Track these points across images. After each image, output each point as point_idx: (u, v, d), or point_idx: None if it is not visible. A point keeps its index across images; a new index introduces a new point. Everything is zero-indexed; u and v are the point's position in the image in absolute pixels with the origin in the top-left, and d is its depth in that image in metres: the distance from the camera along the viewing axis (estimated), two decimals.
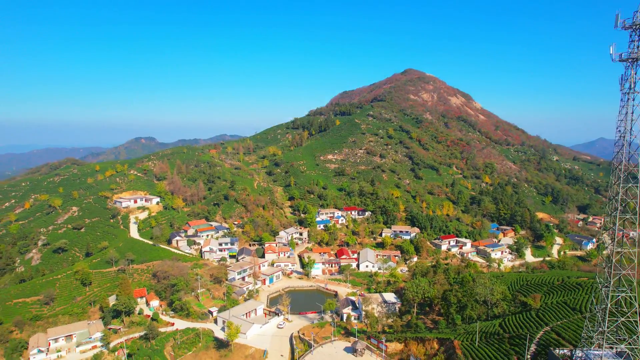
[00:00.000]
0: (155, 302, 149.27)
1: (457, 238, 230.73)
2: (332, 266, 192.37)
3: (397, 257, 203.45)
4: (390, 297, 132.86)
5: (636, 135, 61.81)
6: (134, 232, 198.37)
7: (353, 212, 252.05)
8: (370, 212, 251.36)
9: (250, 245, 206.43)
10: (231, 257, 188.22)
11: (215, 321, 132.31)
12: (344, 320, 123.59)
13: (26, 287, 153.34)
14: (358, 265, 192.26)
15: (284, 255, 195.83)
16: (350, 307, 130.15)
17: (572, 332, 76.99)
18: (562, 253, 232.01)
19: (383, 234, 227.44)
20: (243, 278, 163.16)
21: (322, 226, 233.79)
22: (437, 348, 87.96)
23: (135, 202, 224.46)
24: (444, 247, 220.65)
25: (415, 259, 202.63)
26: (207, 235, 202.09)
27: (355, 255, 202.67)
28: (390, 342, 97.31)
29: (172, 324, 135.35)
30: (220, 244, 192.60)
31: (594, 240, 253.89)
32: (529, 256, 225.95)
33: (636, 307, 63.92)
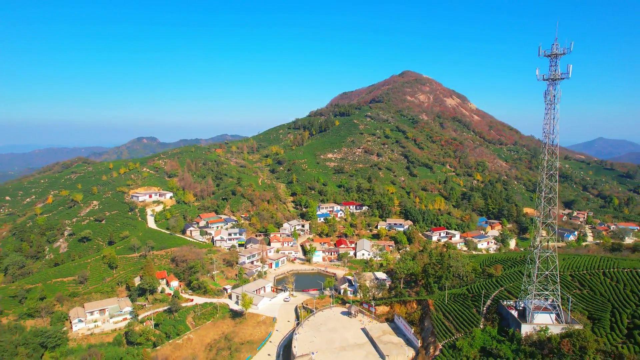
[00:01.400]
0: (175, 283, 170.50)
1: (447, 230, 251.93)
2: (331, 254, 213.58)
3: (391, 247, 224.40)
4: (381, 275, 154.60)
5: (556, 135, 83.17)
6: (151, 223, 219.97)
7: (351, 207, 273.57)
8: (367, 207, 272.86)
9: (256, 235, 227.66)
10: (240, 245, 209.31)
11: (230, 296, 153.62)
12: (341, 294, 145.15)
13: (62, 269, 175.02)
14: (355, 254, 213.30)
15: (288, 244, 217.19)
16: (347, 283, 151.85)
17: (520, 290, 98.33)
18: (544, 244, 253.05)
19: (379, 227, 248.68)
20: (252, 262, 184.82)
21: (322, 219, 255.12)
22: (415, 307, 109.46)
23: (150, 196, 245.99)
24: (434, 238, 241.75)
25: (407, 248, 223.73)
26: (217, 227, 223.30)
27: (353, 245, 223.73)
28: (379, 306, 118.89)
29: (192, 300, 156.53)
30: (230, 234, 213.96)
31: (575, 232, 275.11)
32: (513, 246, 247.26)
33: (556, 264, 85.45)
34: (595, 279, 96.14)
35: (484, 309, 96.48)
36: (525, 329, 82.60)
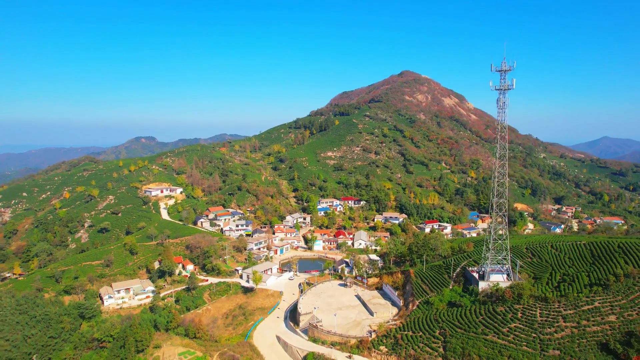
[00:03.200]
0: (190, 266, 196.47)
1: (439, 223, 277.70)
2: (331, 244, 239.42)
3: (386, 238, 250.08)
4: (374, 257, 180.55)
5: (505, 133, 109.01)
6: (164, 216, 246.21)
7: (350, 202, 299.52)
8: (364, 202, 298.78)
9: (261, 227, 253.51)
10: (247, 235, 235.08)
11: (241, 276, 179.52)
12: (339, 272, 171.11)
13: (89, 254, 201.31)
14: (353, 244, 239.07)
15: (291, 235, 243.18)
16: (344, 264, 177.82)
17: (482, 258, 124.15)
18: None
19: (375, 220, 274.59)
20: (259, 248, 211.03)
21: (322, 213, 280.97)
22: (400, 277, 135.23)
23: (162, 191, 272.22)
24: (427, 230, 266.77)
25: (401, 238, 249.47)
26: (225, 219, 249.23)
27: (351, 236, 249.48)
28: (370, 278, 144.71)
29: (207, 280, 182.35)
30: (237, 225, 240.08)
31: (562, 225, 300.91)
32: None
33: (507, 234, 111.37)
34: (544, 250, 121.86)
35: (454, 274, 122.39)
36: (482, 285, 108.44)
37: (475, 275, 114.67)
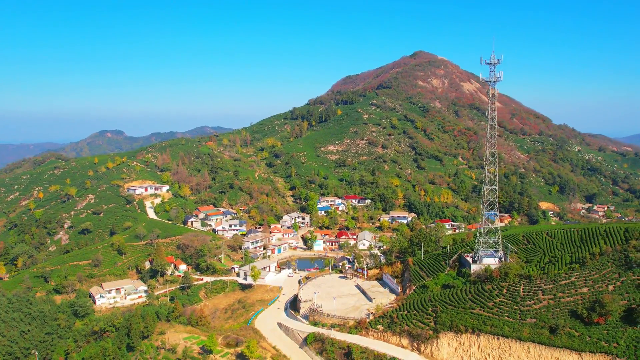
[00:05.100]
0: (183, 266, 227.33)
1: (452, 222, 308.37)
2: (332, 244, 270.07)
3: (391, 237, 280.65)
4: (376, 252, 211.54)
5: (495, 123, 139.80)
6: (151, 215, 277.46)
7: (353, 200, 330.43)
8: (370, 200, 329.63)
9: (256, 227, 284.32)
10: (241, 236, 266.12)
11: (238, 274, 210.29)
12: (340, 267, 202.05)
13: (76, 254, 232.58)
14: (356, 244, 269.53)
15: (289, 235, 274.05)
16: (346, 260, 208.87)
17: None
18: None
19: (381, 219, 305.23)
20: (256, 247, 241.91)
21: (323, 212, 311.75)
22: (399, 266, 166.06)
23: (146, 190, 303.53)
24: None
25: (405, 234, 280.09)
26: (217, 219, 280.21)
27: (355, 237, 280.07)
28: (370, 270, 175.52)
29: (202, 279, 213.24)
30: (230, 225, 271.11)
31: None
32: None
33: (498, 220, 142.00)
34: (539, 237, 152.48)
35: (450, 261, 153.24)
36: (474, 268, 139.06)
37: (469, 259, 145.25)
